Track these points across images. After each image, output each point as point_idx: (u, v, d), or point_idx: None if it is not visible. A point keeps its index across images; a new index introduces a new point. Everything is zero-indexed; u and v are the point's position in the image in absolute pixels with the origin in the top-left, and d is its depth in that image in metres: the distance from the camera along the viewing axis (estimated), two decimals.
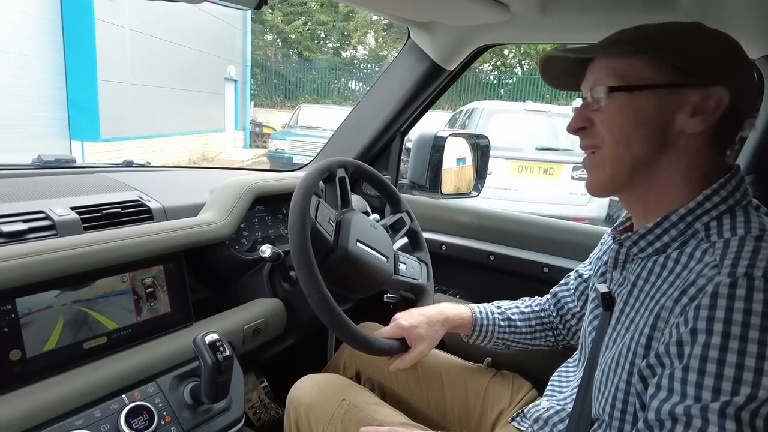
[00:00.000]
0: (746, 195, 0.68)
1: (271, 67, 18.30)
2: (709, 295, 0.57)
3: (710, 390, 0.55)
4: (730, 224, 0.64)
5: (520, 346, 1.08)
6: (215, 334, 0.85)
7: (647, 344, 0.64)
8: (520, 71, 18.69)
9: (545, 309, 1.08)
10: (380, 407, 1.00)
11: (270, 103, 17.23)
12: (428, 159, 1.60)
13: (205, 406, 0.91)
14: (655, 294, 0.66)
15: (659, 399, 0.59)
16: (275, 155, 9.63)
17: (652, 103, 0.67)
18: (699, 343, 0.56)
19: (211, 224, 1.08)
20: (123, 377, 0.86)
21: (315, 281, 0.91)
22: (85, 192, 1.08)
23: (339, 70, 18.77)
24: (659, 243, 0.69)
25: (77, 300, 0.85)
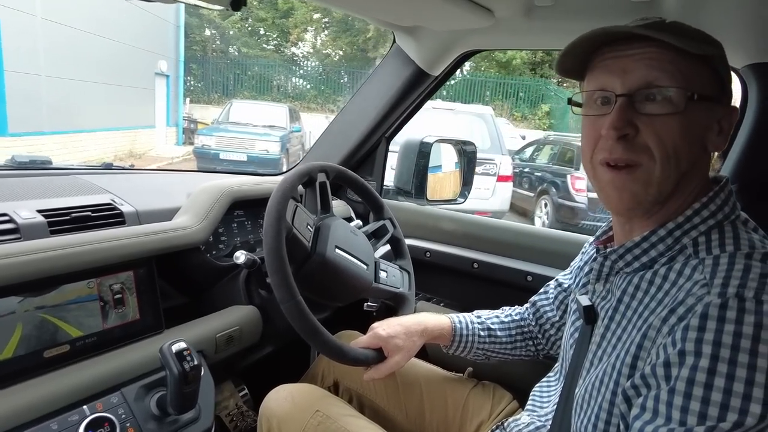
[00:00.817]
0: (735, 209, 0.66)
1: (209, 63, 17.73)
2: (698, 316, 0.55)
3: (696, 415, 0.53)
4: (718, 240, 0.62)
5: (500, 356, 1.06)
6: (183, 342, 0.82)
7: (633, 363, 0.61)
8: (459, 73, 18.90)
9: (525, 318, 1.06)
10: (354, 419, 0.97)
11: (207, 100, 16.57)
12: (414, 165, 1.58)
13: (172, 417, 0.88)
14: (642, 312, 0.64)
15: (643, 420, 0.57)
16: (201, 151, 9.38)
17: (704, 118, 0.63)
18: (687, 365, 0.54)
19: (185, 229, 1.05)
20: (85, 387, 0.82)
21: (288, 287, 0.89)
22: (55, 194, 1.05)
23: (279, 66, 18.44)
24: (646, 258, 0.67)
25: (39, 306, 0.82)
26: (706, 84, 0.63)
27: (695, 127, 0.63)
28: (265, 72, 17.74)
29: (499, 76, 18.04)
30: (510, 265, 1.39)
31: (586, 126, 0.70)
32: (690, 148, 0.63)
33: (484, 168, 5.75)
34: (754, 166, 0.97)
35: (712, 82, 0.63)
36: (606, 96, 0.66)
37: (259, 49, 19.36)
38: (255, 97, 15.67)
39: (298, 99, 17.41)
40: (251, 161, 9.16)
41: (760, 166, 0.98)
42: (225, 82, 17.22)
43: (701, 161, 0.66)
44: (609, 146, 0.64)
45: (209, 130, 9.97)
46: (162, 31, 13.13)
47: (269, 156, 9.29)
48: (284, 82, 18.38)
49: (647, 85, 0.62)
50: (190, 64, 16.53)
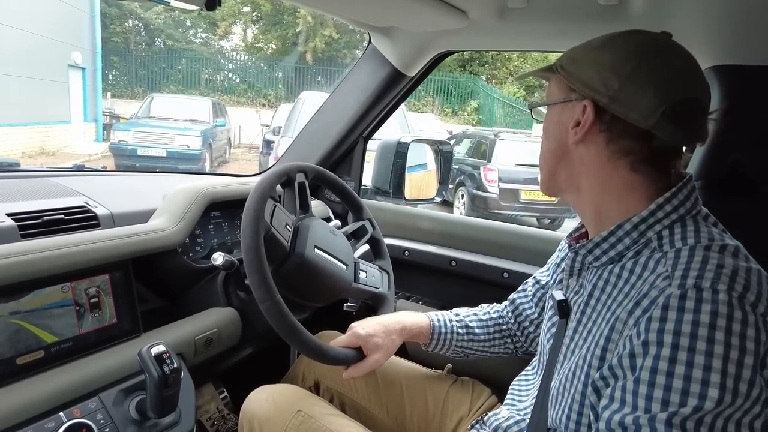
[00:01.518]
0: (696, 204, 0.69)
1: (132, 56, 16.86)
2: (660, 307, 0.58)
3: (659, 402, 0.55)
4: (680, 234, 0.65)
5: (478, 354, 1.08)
6: (162, 345, 0.81)
7: (602, 355, 0.64)
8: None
9: (503, 316, 1.08)
10: (336, 418, 0.98)
11: (131, 94, 15.58)
12: (391, 164, 1.59)
13: (152, 421, 0.87)
14: (611, 305, 0.66)
15: (611, 410, 0.59)
16: (118, 148, 8.88)
17: (555, 117, 0.76)
18: (650, 355, 0.57)
19: (161, 231, 1.04)
20: (61, 393, 0.81)
21: (267, 287, 0.89)
22: (26, 197, 1.02)
23: (207, 60, 17.81)
24: (613, 252, 0.70)
25: (12, 312, 0.80)
26: (554, 93, 0.76)
27: (550, 127, 0.77)
28: (192, 66, 17.08)
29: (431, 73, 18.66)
30: (487, 263, 1.41)
31: None
32: (551, 143, 0.77)
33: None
34: (717, 164, 1.01)
35: (559, 91, 0.75)
36: None
37: (186, 42, 18.64)
38: (182, 92, 14.97)
39: (227, 93, 16.91)
40: (171, 157, 8.79)
41: (721, 164, 1.02)
42: (150, 76, 16.42)
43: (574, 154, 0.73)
44: None
45: (127, 125, 9.48)
46: (76, 21, 12.28)
47: (190, 151, 8.95)
48: (213, 76, 17.80)
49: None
50: (110, 56, 15.98)
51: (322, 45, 17.78)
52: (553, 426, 0.72)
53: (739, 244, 0.64)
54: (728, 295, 0.56)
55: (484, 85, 18.14)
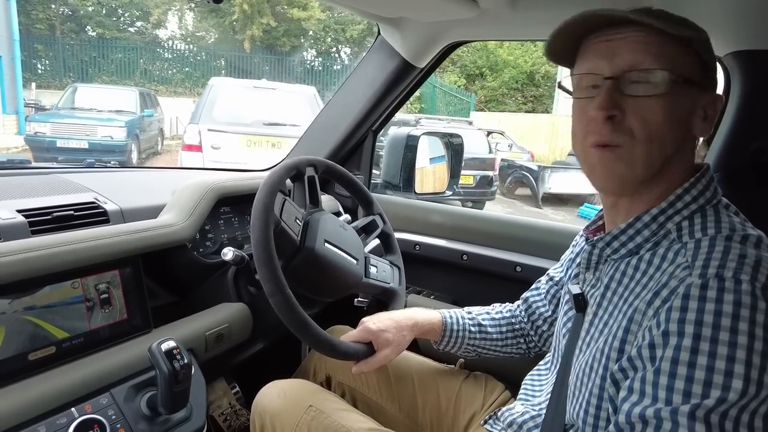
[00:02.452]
0: (716, 194, 0.67)
1: (58, 44, 15.71)
2: (680, 297, 0.56)
3: (681, 393, 0.54)
4: (701, 224, 0.63)
5: (490, 353, 1.06)
6: (172, 341, 0.81)
7: (620, 347, 0.63)
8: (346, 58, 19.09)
9: (516, 315, 1.06)
10: (348, 413, 0.97)
11: (59, 84, 14.16)
12: (401, 158, 1.58)
13: (163, 417, 0.87)
14: (628, 296, 0.65)
15: (630, 402, 0.58)
16: (34, 140, 8.37)
17: (688, 102, 0.65)
18: (670, 345, 0.55)
19: (170, 226, 1.03)
20: (73, 389, 0.81)
21: (277, 280, 0.88)
22: (36, 194, 1.03)
23: (142, 50, 16.94)
24: (632, 244, 0.68)
25: (22, 308, 0.80)
26: (689, 68, 0.64)
27: (679, 110, 0.64)
28: (127, 55, 16.24)
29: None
30: (499, 257, 1.39)
31: (577, 110, 0.71)
32: (673, 130, 0.64)
33: None
34: (737, 154, 0.99)
35: (695, 67, 0.65)
36: (594, 80, 0.67)
37: (117, 30, 17.89)
38: (116, 82, 14.37)
39: (164, 83, 16.44)
40: (93, 148, 8.38)
41: (742, 154, 0.99)
42: (81, 65, 15.42)
43: (686, 146, 0.67)
44: (598, 128, 0.65)
45: (45, 116, 8.89)
46: None
47: (114, 142, 8.57)
48: (150, 65, 17.00)
49: (633, 68, 0.63)
50: (35, 44, 15.15)
51: (260, 33, 17.49)
52: (571, 421, 0.71)
53: (762, 233, 0.62)
54: (751, 285, 0.55)
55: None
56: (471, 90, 20.02)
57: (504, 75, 20.27)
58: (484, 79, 20.69)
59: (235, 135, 5.67)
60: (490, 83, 20.55)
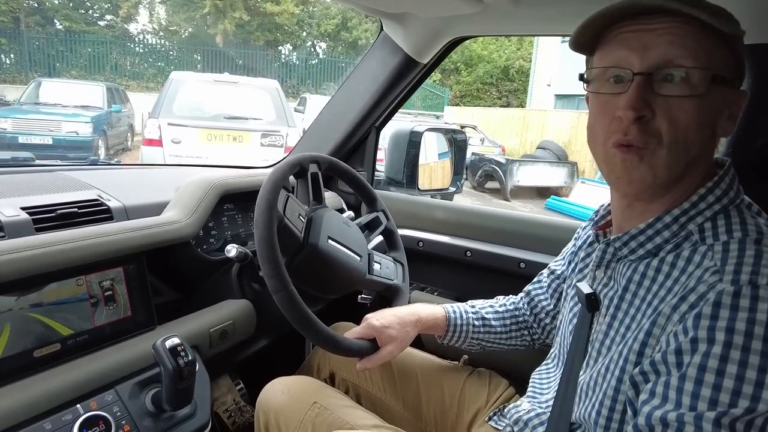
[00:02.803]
0: (739, 193, 0.65)
1: (23, 38, 15.04)
2: (711, 304, 0.54)
3: (707, 401, 0.52)
4: (725, 226, 0.61)
5: (495, 346, 1.06)
6: (176, 338, 0.81)
7: (641, 351, 0.61)
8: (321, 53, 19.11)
9: (519, 308, 1.06)
10: (352, 410, 0.97)
11: (25, 79, 13.47)
12: (404, 155, 1.58)
13: (168, 414, 0.87)
14: (651, 300, 0.63)
15: (651, 405, 0.56)
16: None
17: (719, 102, 0.61)
18: (699, 352, 0.54)
19: (174, 223, 1.03)
20: (78, 386, 0.81)
21: (280, 277, 0.88)
22: (40, 191, 1.03)
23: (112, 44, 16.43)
24: (651, 244, 0.66)
25: (27, 305, 0.80)
26: (725, 66, 0.60)
27: (710, 112, 0.60)
28: (96, 49, 15.72)
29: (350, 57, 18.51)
30: (503, 253, 1.39)
31: (598, 106, 0.66)
32: (701, 134, 0.60)
33: (270, 140, 5.93)
34: (748, 147, 0.97)
35: (730, 65, 0.60)
36: (620, 74, 0.62)
37: (86, 24, 17.36)
38: (85, 77, 13.89)
39: (135, 79, 16.11)
40: (58, 145, 8.06)
41: (753, 147, 0.98)
42: (48, 60, 14.98)
43: (709, 146, 0.64)
44: (624, 128, 0.61)
45: (6, 112, 8.52)
46: None
47: (79, 138, 8.20)
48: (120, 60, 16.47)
49: (667, 64, 0.58)
50: None
51: (233, 27, 17.15)
52: (578, 421, 0.70)
53: None
54: None
55: None
56: (446, 85, 20.04)
57: (478, 70, 20.32)
58: (459, 74, 20.71)
59: (195, 129, 5.65)
60: (465, 78, 20.58)
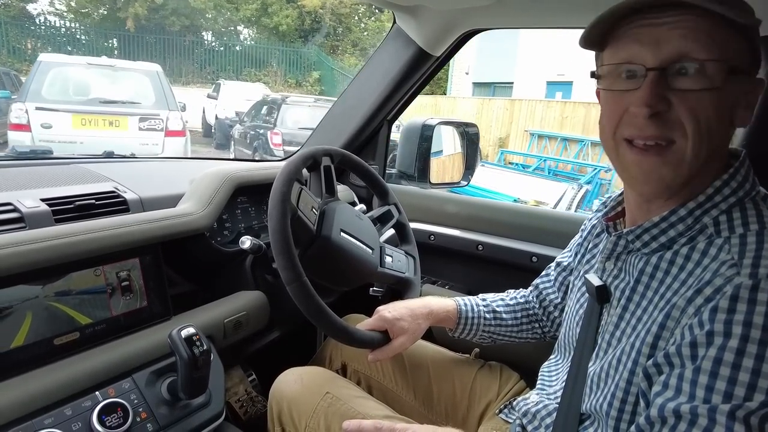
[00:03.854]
0: (755, 185, 0.64)
1: None
2: (728, 298, 0.54)
3: (721, 394, 0.52)
4: (741, 219, 0.60)
5: (506, 339, 1.06)
6: (192, 328, 0.83)
7: (654, 343, 0.61)
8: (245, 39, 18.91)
9: (530, 301, 1.06)
10: (364, 400, 0.98)
11: None
12: (416, 148, 1.57)
13: (183, 402, 0.89)
14: (665, 292, 0.63)
15: (665, 397, 0.56)
16: None
17: (737, 93, 0.60)
18: (715, 345, 0.53)
19: (189, 215, 1.05)
20: (96, 373, 0.83)
21: (294, 268, 0.88)
22: (58, 183, 1.05)
23: (8, 25, 15.38)
24: (664, 238, 0.65)
25: (47, 294, 0.82)
26: (741, 56, 0.59)
27: (728, 103, 0.60)
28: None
29: (271, 43, 18.47)
30: (515, 247, 1.38)
31: (608, 102, 0.65)
32: (722, 124, 0.60)
33: (148, 124, 5.90)
34: (764, 138, 0.96)
35: (746, 54, 0.60)
36: (633, 69, 0.61)
37: None
38: None
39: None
40: None
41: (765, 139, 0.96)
42: None
43: (728, 138, 0.64)
44: (639, 124, 0.60)
45: None
46: None
47: None
48: (18, 43, 15.32)
49: (681, 58, 0.58)
50: None
51: (145, 11, 16.49)
52: (588, 412, 0.70)
53: None
54: None
55: (324, 56, 18.37)
56: None
57: None
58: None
59: (67, 113, 5.55)
60: None
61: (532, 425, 0.83)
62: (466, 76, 17.31)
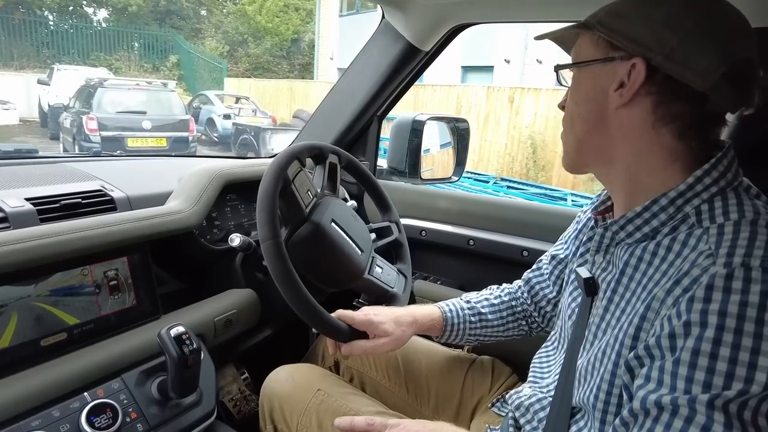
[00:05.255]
0: (737, 175, 0.64)
1: None
2: (704, 287, 0.54)
3: (701, 384, 0.52)
4: (722, 208, 0.61)
5: (492, 338, 1.05)
6: (181, 326, 0.82)
7: (635, 335, 0.61)
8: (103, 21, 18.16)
9: (517, 297, 1.05)
10: (356, 396, 0.98)
11: None
12: (407, 144, 1.57)
13: (174, 401, 0.88)
14: (646, 283, 0.63)
15: (646, 389, 0.57)
16: None
17: (589, 79, 0.69)
18: (693, 336, 0.54)
19: (177, 213, 1.04)
20: (85, 374, 0.82)
21: (271, 224, 0.87)
22: (43, 182, 1.03)
23: None
24: (647, 228, 0.66)
25: (33, 295, 0.81)
26: (586, 53, 0.70)
27: (582, 89, 0.70)
28: None
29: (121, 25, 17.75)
30: (506, 241, 1.39)
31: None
32: (582, 108, 0.70)
33: None
34: (747, 130, 0.97)
35: (593, 50, 0.69)
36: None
37: None
38: None
39: None
40: None
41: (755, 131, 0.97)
42: None
43: (614, 121, 0.67)
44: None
45: None
46: None
47: None
48: None
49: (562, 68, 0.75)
50: None
51: None
52: (579, 404, 0.71)
53: None
54: None
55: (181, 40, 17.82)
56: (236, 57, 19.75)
57: (266, 42, 20.11)
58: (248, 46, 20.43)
59: None
60: (254, 50, 20.30)
61: (525, 418, 0.84)
62: (330, 62, 17.30)
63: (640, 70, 0.63)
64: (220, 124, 11.75)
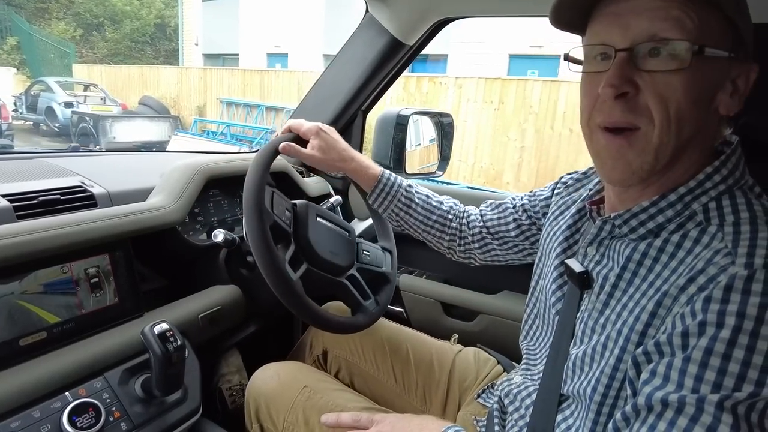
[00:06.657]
0: (744, 174, 0.63)
1: None
2: (722, 288, 0.53)
3: (710, 384, 0.52)
4: (731, 207, 0.60)
5: (411, 231, 1.08)
6: (165, 324, 0.81)
7: (643, 331, 0.60)
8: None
9: (457, 215, 1.06)
10: (343, 392, 0.98)
11: None
12: (391, 138, 1.56)
13: (158, 399, 0.87)
14: (654, 280, 0.62)
15: (652, 386, 0.56)
16: None
17: (713, 75, 0.58)
18: (707, 335, 0.52)
19: (159, 209, 1.02)
20: (66, 373, 0.80)
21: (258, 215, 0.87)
22: (20, 179, 1.01)
23: None
24: (652, 223, 0.64)
25: (11, 293, 0.79)
26: (717, 35, 0.57)
27: (702, 86, 0.58)
28: None
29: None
30: None
31: (585, 84, 0.65)
32: (695, 110, 0.58)
33: None
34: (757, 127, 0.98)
35: (724, 34, 0.58)
36: (605, 51, 0.61)
37: None
38: None
39: None
40: None
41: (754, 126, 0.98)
42: None
43: (708, 125, 0.61)
44: (607, 108, 0.60)
45: None
46: None
47: None
48: None
49: (650, 38, 0.57)
50: None
51: None
52: (569, 394, 0.70)
53: None
54: None
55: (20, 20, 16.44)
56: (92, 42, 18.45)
57: (125, 27, 18.80)
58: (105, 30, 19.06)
59: None
60: (112, 35, 18.92)
61: (513, 406, 0.83)
62: (195, 48, 17.07)
63: (752, 78, 0.60)
64: (61, 113, 10.80)
